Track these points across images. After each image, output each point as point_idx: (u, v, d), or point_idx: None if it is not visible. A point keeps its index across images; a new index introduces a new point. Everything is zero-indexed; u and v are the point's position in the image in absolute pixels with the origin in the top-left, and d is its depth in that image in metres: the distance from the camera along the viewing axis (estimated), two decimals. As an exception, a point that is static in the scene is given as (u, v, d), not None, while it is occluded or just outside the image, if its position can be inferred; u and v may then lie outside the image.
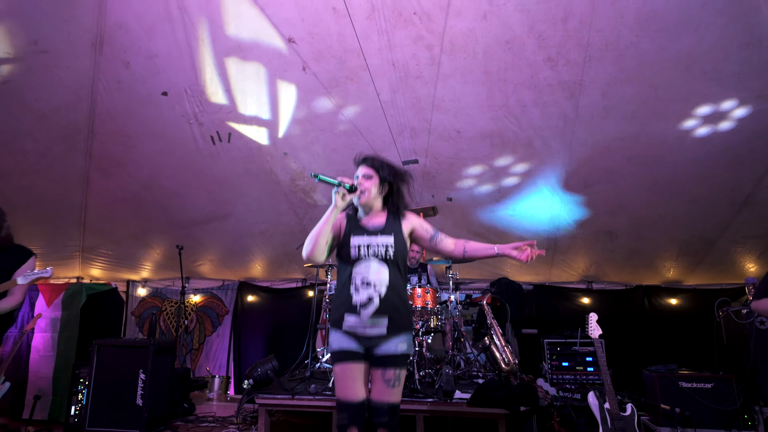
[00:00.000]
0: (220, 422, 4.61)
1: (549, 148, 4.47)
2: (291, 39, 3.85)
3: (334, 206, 2.34)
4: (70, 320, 4.77)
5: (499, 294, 5.46)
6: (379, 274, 2.33)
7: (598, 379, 4.55)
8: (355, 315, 2.31)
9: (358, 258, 2.36)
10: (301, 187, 5.17)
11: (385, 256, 2.35)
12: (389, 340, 2.32)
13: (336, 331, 2.39)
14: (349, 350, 2.33)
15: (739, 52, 3.49)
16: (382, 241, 2.36)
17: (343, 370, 2.33)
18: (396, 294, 2.35)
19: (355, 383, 2.30)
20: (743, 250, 5.24)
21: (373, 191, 2.44)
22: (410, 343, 2.40)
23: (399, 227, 2.44)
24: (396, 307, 2.34)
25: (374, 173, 2.45)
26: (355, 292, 2.33)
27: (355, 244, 2.38)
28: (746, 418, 3.32)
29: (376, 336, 2.31)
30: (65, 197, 5.16)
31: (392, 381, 2.29)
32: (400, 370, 2.33)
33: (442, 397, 3.63)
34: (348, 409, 2.27)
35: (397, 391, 2.32)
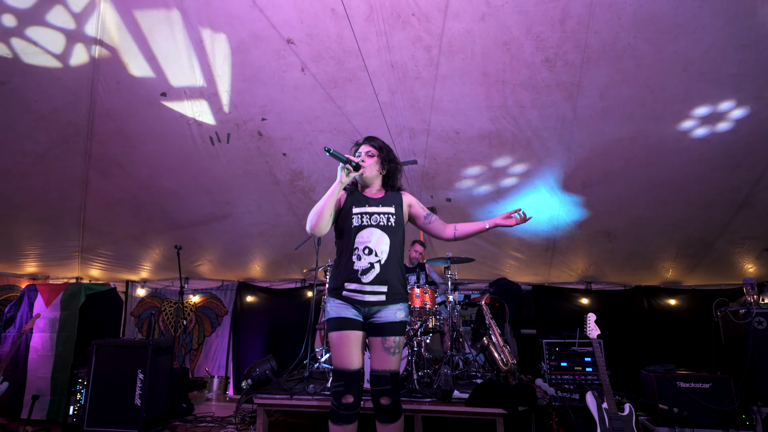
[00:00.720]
0: (219, 422, 4.60)
1: (547, 149, 4.48)
2: (290, 40, 3.86)
3: (339, 181, 2.41)
4: (68, 320, 4.77)
5: (498, 294, 5.47)
6: (380, 242, 2.41)
7: (596, 380, 4.55)
8: (356, 282, 2.37)
9: (361, 226, 2.44)
10: (300, 188, 5.18)
11: (387, 223, 2.44)
12: (388, 307, 2.39)
13: (334, 300, 2.43)
14: (347, 318, 2.36)
15: (736, 53, 3.50)
16: (383, 210, 2.47)
17: (340, 338, 2.34)
18: (396, 263, 2.43)
19: (353, 351, 2.32)
20: (742, 250, 5.25)
21: (374, 168, 2.54)
22: (407, 312, 2.47)
23: (399, 199, 2.56)
24: (396, 275, 2.43)
25: (376, 152, 2.57)
26: (356, 259, 2.39)
27: (357, 212, 2.46)
28: (744, 418, 3.33)
29: (376, 302, 2.37)
30: (64, 198, 5.18)
31: (393, 348, 2.34)
32: (400, 338, 2.38)
33: (440, 397, 3.63)
34: (344, 377, 2.29)
35: (397, 359, 2.36)
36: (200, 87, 4.20)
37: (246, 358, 6.51)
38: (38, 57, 3.86)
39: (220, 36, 3.87)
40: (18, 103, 4.15)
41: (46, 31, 3.76)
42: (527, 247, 5.69)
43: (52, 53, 3.88)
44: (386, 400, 2.30)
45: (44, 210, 5.26)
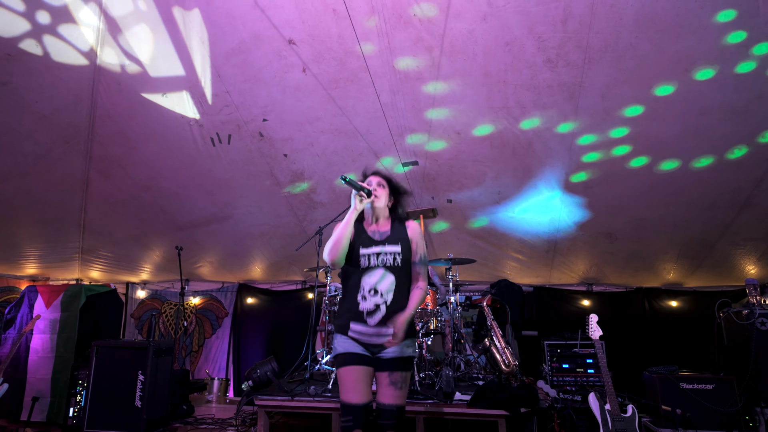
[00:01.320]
0: (219, 424, 4.58)
1: (549, 150, 4.48)
2: (291, 41, 3.86)
3: (353, 209, 2.46)
4: (68, 322, 4.75)
5: (499, 296, 5.46)
6: (386, 283, 2.41)
7: (598, 381, 4.53)
8: (362, 323, 2.38)
9: (368, 267, 2.44)
10: (301, 189, 5.17)
11: (393, 264, 2.44)
12: (394, 346, 2.38)
13: (341, 336, 2.44)
14: (355, 353, 2.37)
15: (739, 52, 3.49)
16: (389, 250, 2.46)
17: (348, 373, 2.35)
18: (401, 302, 2.42)
19: (360, 386, 2.33)
20: (743, 252, 5.24)
21: (384, 199, 2.58)
22: (415, 347, 2.48)
23: (405, 234, 2.54)
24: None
25: (386, 183, 2.62)
26: (362, 299, 2.40)
27: (364, 253, 2.46)
28: (747, 420, 3.31)
29: (382, 344, 2.37)
30: (65, 199, 5.17)
31: (399, 383, 2.35)
32: (406, 373, 2.39)
33: (442, 399, 3.62)
34: (353, 412, 2.29)
35: (403, 394, 2.37)
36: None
37: (246, 360, 6.49)
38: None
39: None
40: (19, 103, 4.15)
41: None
42: (528, 249, 5.67)
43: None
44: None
45: (45, 211, 5.26)
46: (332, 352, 2.50)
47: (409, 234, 2.55)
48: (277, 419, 4.54)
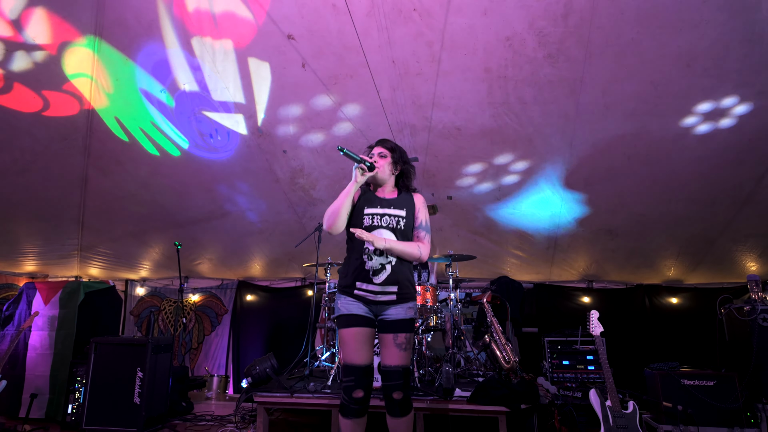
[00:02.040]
0: (219, 421, 4.58)
1: (549, 146, 4.46)
2: (290, 36, 3.84)
3: (354, 181, 2.49)
4: (67, 318, 4.74)
5: (499, 292, 5.44)
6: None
7: (598, 378, 4.53)
8: (367, 282, 2.43)
9: (371, 226, 2.49)
10: (301, 185, 5.15)
11: (396, 226, 2.49)
12: (398, 305, 2.45)
13: (344, 297, 2.49)
14: (358, 315, 2.42)
15: (740, 48, 3.47)
16: (394, 213, 2.52)
17: (350, 335, 2.40)
18: (405, 264, 2.50)
19: (363, 347, 2.38)
20: (744, 248, 5.23)
21: (387, 169, 2.60)
22: (416, 310, 2.56)
23: (411, 203, 2.60)
24: (406, 276, 2.49)
25: (388, 153, 2.63)
26: (367, 259, 2.44)
27: (369, 212, 2.51)
28: (749, 416, 3.30)
29: (387, 301, 2.43)
30: (63, 195, 5.14)
31: (404, 345, 2.39)
32: (411, 334, 2.44)
33: (442, 396, 3.61)
34: (355, 372, 2.35)
35: (408, 355, 2.42)
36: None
37: (246, 357, 6.48)
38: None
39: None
40: (16, 99, 4.13)
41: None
42: (529, 245, 5.66)
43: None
44: (399, 395, 2.36)
45: (43, 208, 5.23)
46: (335, 312, 2.53)
47: (416, 204, 2.61)
48: (277, 416, 4.53)
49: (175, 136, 4.60)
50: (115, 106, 4.36)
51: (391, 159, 2.62)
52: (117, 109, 4.39)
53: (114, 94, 4.27)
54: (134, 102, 4.32)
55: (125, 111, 4.42)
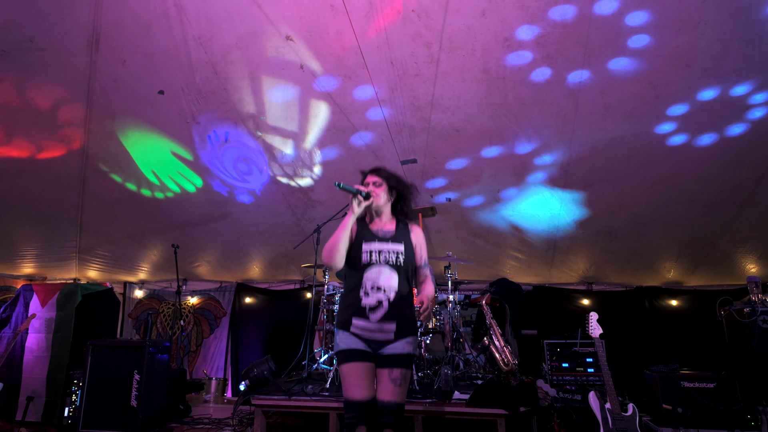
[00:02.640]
0: (216, 424, 4.55)
1: (548, 147, 4.44)
2: (289, 37, 3.83)
3: (351, 212, 2.47)
4: (64, 321, 4.71)
5: (499, 295, 5.43)
6: (389, 280, 2.42)
7: (598, 380, 4.51)
8: (364, 319, 2.39)
9: (369, 263, 2.44)
10: (299, 187, 5.14)
11: (396, 262, 2.45)
12: (396, 341, 2.40)
13: (343, 332, 2.44)
14: (357, 350, 2.38)
15: (739, 48, 3.47)
16: (393, 248, 2.47)
17: (351, 370, 2.36)
18: (404, 299, 2.43)
19: (363, 382, 2.34)
20: (744, 250, 5.21)
21: (383, 197, 2.56)
22: (416, 345, 2.48)
23: (408, 236, 2.56)
24: (403, 313, 2.42)
25: (383, 181, 2.59)
26: (364, 295, 2.40)
27: (367, 249, 2.46)
28: (749, 418, 3.27)
29: (385, 340, 2.39)
30: (62, 197, 5.14)
31: (399, 381, 2.34)
32: (407, 370, 2.38)
33: (440, 398, 3.58)
34: (356, 409, 2.29)
35: (403, 391, 2.36)
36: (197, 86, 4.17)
37: (244, 359, 6.46)
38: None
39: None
40: (15, 100, 4.11)
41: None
42: (528, 247, 5.64)
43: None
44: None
45: (41, 210, 5.23)
46: (334, 348, 2.50)
47: (413, 239, 2.57)
48: (275, 419, 4.50)
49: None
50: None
51: (386, 187, 2.60)
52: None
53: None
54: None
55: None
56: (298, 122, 4.47)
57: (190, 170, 4.89)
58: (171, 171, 4.89)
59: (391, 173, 2.67)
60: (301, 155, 4.78)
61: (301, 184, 5.09)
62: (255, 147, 4.70)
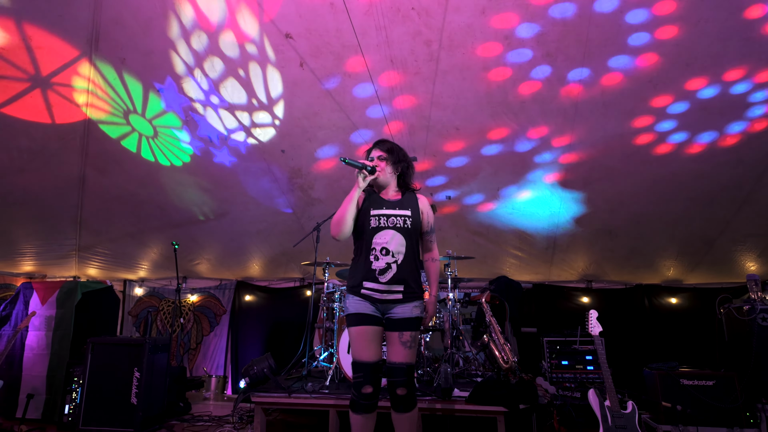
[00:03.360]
0: (216, 421, 4.56)
1: (548, 145, 4.44)
2: (288, 35, 3.82)
3: (356, 186, 2.55)
4: (64, 318, 4.72)
5: (498, 292, 5.43)
6: (396, 243, 2.52)
7: (597, 378, 4.51)
8: (374, 281, 2.49)
9: (378, 227, 2.54)
10: (299, 185, 5.14)
11: (403, 225, 2.55)
12: (404, 304, 2.50)
13: (353, 296, 2.56)
14: (366, 314, 2.49)
15: (739, 47, 3.46)
16: (400, 213, 2.57)
17: (359, 332, 2.48)
18: (412, 262, 2.54)
19: (371, 344, 2.45)
20: (743, 248, 5.21)
21: (388, 170, 2.66)
22: (423, 309, 2.59)
23: (415, 203, 2.65)
24: (412, 275, 2.53)
25: (387, 155, 2.67)
26: (374, 259, 2.50)
27: (375, 214, 2.57)
28: (748, 416, 3.28)
29: (393, 300, 2.49)
30: (61, 195, 5.13)
31: (409, 342, 2.45)
32: (416, 332, 2.49)
33: (440, 396, 3.59)
34: (363, 369, 2.42)
35: (413, 353, 2.47)
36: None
37: (244, 357, 6.46)
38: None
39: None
40: (13, 98, 4.11)
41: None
42: (528, 245, 5.65)
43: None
44: (402, 391, 2.42)
45: (41, 208, 5.22)
46: (344, 311, 2.61)
47: (420, 205, 2.66)
48: (275, 416, 4.52)
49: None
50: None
51: (389, 161, 2.67)
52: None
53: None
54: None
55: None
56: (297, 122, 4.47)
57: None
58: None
59: (395, 146, 2.74)
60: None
61: (301, 182, 5.08)
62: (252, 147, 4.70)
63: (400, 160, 2.69)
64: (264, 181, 5.10)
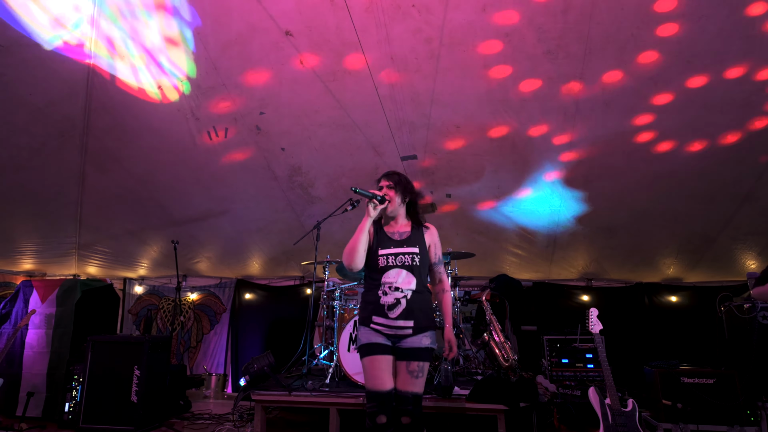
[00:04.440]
0: (216, 419, 4.56)
1: (549, 143, 4.44)
2: (288, 32, 3.81)
3: (367, 216, 2.61)
4: (64, 316, 4.71)
5: (498, 290, 5.43)
6: (405, 280, 2.57)
7: (598, 376, 4.52)
8: (383, 316, 2.55)
9: (387, 267, 2.59)
10: (299, 183, 5.13)
11: (412, 263, 2.59)
12: (414, 336, 2.53)
13: (364, 327, 2.61)
14: (377, 343, 2.54)
15: (741, 44, 3.45)
16: (408, 251, 2.61)
17: (371, 362, 2.52)
18: (421, 297, 2.58)
19: (383, 374, 2.48)
20: (744, 247, 5.21)
21: (397, 200, 2.70)
22: (434, 339, 2.60)
23: (422, 238, 2.69)
24: (421, 309, 2.57)
25: (396, 185, 2.73)
26: (383, 294, 2.56)
27: (383, 254, 2.61)
28: (749, 414, 3.28)
29: (403, 335, 2.54)
30: (61, 193, 5.13)
31: (416, 372, 2.47)
32: (424, 363, 2.50)
33: (440, 394, 3.60)
34: (377, 398, 2.44)
35: (420, 382, 2.49)
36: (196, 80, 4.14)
37: (244, 355, 6.46)
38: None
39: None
40: (12, 96, 4.10)
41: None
42: (528, 243, 5.64)
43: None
44: (407, 420, 2.45)
45: (40, 205, 5.21)
46: (357, 342, 2.69)
47: (427, 239, 2.71)
48: (275, 414, 4.52)
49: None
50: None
51: (397, 191, 2.72)
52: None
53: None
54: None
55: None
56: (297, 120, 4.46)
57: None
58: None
59: (404, 177, 2.80)
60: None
61: (301, 180, 5.08)
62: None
63: (408, 190, 2.75)
64: (264, 179, 5.09)
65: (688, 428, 3.32)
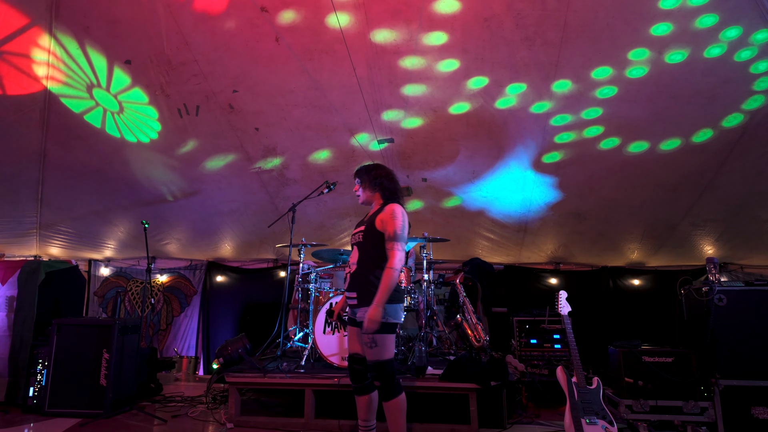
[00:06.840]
0: (189, 401, 4.52)
1: (523, 129, 4.50)
2: (264, 8, 3.70)
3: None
4: (27, 299, 4.53)
5: (471, 274, 5.54)
6: (354, 256, 2.87)
7: (564, 356, 4.70)
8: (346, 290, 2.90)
9: (352, 245, 2.94)
10: (273, 165, 5.04)
11: (358, 240, 2.86)
12: (360, 308, 2.75)
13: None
14: (351, 316, 2.87)
15: (709, 37, 3.56)
16: (359, 230, 2.89)
17: (348, 331, 2.95)
18: (363, 270, 2.76)
19: (351, 342, 2.89)
20: (703, 233, 5.45)
21: (363, 196, 3.00)
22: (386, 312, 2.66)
23: (374, 217, 2.83)
24: (363, 283, 2.74)
25: (362, 183, 2.99)
26: (348, 269, 2.90)
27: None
28: (702, 390, 3.48)
29: (353, 305, 2.81)
30: (20, 171, 4.90)
31: (369, 343, 2.67)
32: (374, 335, 2.63)
33: (414, 373, 3.67)
34: (349, 359, 2.88)
35: (375, 351, 2.66)
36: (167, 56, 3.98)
37: (216, 338, 6.41)
38: None
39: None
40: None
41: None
42: (500, 228, 5.75)
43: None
44: (377, 383, 2.73)
45: (-2, 183, 4.97)
46: None
47: (378, 216, 2.80)
48: (249, 396, 4.51)
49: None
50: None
51: (361, 185, 2.99)
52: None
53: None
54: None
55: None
56: (271, 100, 4.36)
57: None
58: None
59: (362, 169, 3.02)
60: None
61: (275, 163, 5.00)
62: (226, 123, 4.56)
63: (373, 177, 2.93)
64: (237, 160, 4.98)
65: (647, 404, 3.50)
